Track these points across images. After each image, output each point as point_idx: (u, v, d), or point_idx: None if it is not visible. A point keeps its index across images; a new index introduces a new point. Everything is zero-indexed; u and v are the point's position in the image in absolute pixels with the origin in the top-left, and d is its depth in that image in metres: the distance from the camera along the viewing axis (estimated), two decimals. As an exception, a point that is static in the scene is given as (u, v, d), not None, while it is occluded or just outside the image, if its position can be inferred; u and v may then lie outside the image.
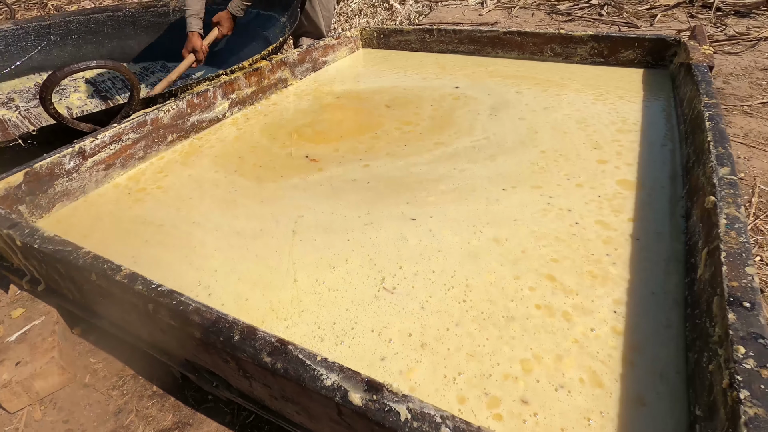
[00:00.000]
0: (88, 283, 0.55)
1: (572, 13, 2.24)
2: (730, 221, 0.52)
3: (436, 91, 1.17)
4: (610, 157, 0.83)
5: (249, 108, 1.18)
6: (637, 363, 0.47)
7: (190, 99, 1.03)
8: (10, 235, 0.60)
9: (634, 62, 1.22)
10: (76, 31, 2.24)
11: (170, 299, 0.47)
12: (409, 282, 0.59)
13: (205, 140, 1.03)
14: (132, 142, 0.91)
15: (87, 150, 0.84)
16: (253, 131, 1.06)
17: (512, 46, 1.36)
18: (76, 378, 0.65)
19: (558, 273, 0.59)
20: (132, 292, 0.49)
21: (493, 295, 0.56)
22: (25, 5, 4.02)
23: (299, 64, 1.34)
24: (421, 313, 0.55)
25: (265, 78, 1.22)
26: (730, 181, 0.58)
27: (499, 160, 0.85)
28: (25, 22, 2.17)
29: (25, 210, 0.76)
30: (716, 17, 1.97)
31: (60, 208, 0.81)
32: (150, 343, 0.58)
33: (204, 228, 0.75)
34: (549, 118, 0.99)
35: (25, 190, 0.76)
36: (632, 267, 0.59)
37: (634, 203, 0.70)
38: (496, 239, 0.65)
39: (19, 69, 2.14)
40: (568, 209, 0.70)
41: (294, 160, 0.93)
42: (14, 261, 0.69)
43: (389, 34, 1.54)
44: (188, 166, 0.93)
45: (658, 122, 0.93)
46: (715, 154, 0.64)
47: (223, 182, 0.87)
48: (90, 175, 0.85)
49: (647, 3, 2.22)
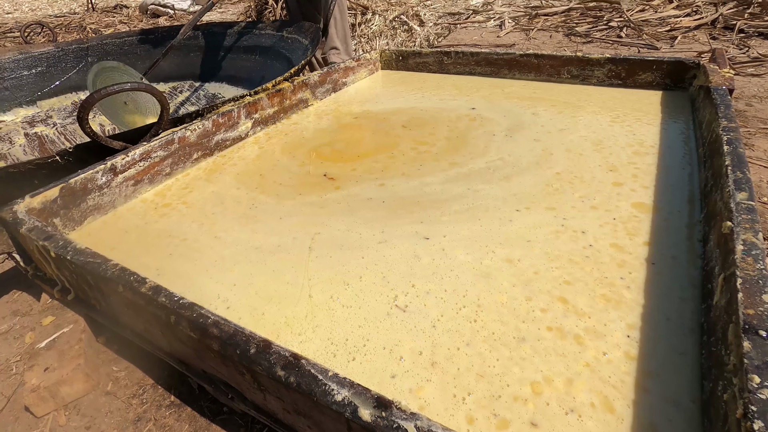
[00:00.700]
0: (115, 293, 0.58)
1: (591, 35, 2.25)
2: (747, 247, 0.51)
3: (452, 112, 1.19)
4: (626, 179, 0.83)
5: (271, 127, 1.22)
6: (650, 389, 0.46)
7: (216, 118, 1.07)
8: (45, 247, 0.64)
9: (653, 84, 1.22)
10: (111, 52, 2.36)
11: (191, 312, 0.49)
12: (422, 300, 0.60)
13: (229, 158, 1.08)
14: (160, 160, 0.96)
15: (118, 166, 0.88)
16: (274, 150, 1.10)
17: (529, 68, 1.38)
18: (99, 385, 0.68)
19: (570, 295, 0.59)
20: (155, 304, 0.52)
21: (504, 315, 0.57)
22: (66, 28, 4.28)
23: (320, 85, 1.38)
24: (433, 331, 0.55)
25: (287, 98, 1.27)
26: (748, 207, 0.58)
27: (514, 181, 0.86)
28: (65, 45, 2.31)
29: (59, 222, 0.80)
30: (739, 39, 1.95)
31: (91, 221, 0.86)
32: (169, 353, 0.61)
33: (224, 242, 0.78)
34: (564, 139, 0.99)
35: (60, 203, 0.80)
36: (647, 291, 0.58)
37: (649, 226, 0.70)
38: (508, 259, 0.66)
39: (58, 88, 2.27)
40: (582, 231, 0.70)
41: (312, 178, 0.96)
42: (47, 271, 0.73)
43: (408, 56, 1.58)
44: (212, 183, 0.97)
45: (676, 145, 0.93)
46: (733, 178, 0.64)
47: (244, 199, 0.90)
48: (120, 190, 0.89)
49: (667, 25, 2.22)
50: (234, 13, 4.65)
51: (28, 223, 0.70)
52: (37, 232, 0.67)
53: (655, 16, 2.36)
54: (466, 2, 3.53)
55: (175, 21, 4.60)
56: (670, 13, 2.38)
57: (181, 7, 4.83)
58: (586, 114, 1.11)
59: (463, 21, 2.93)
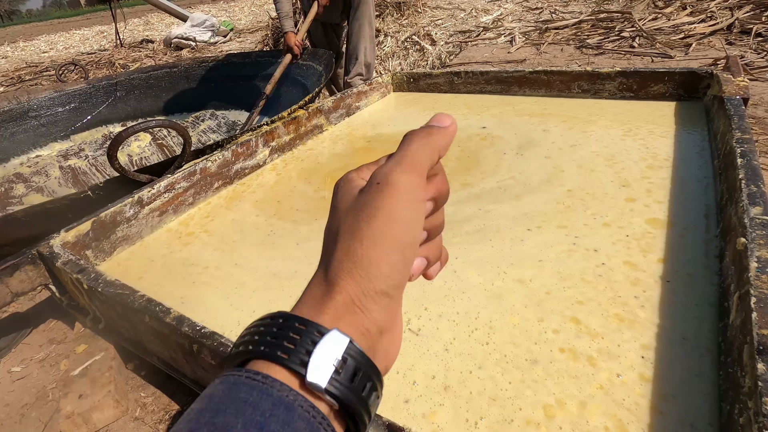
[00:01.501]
0: (141, 323, 0.61)
1: (602, 47, 2.25)
2: (761, 264, 0.51)
3: (463, 132, 1.21)
4: (640, 194, 0.82)
5: (287, 154, 1.27)
6: (666, 412, 0.46)
7: (235, 148, 1.12)
8: (78, 279, 0.69)
9: (666, 95, 1.21)
10: (138, 86, 2.50)
11: (212, 340, 0.51)
12: (434, 323, 0.61)
13: (247, 185, 1.12)
14: (183, 190, 1.01)
15: (144, 199, 0.93)
16: (290, 176, 1.14)
17: (539, 85, 1.39)
18: (128, 411, 0.71)
19: (583, 315, 0.59)
20: (179, 333, 0.54)
21: (516, 337, 0.57)
22: (96, 65, 4.53)
23: (334, 110, 1.43)
24: (445, 355, 0.56)
25: (302, 125, 1.32)
26: (762, 222, 0.57)
27: (525, 200, 0.86)
28: (96, 81, 2.46)
29: (90, 254, 0.85)
30: (756, 43, 1.92)
31: (120, 252, 0.91)
32: (193, 380, 0.63)
33: (244, 269, 0.81)
34: (576, 155, 0.99)
35: (92, 236, 0.85)
36: (662, 310, 0.58)
37: (664, 243, 0.69)
38: (520, 280, 0.66)
39: (89, 122, 2.40)
40: (594, 249, 0.70)
41: (327, 203, 0.98)
42: (80, 301, 0.78)
43: (419, 78, 1.62)
44: (232, 211, 1.01)
45: (691, 157, 0.92)
46: (747, 192, 0.63)
47: (263, 225, 0.94)
48: (146, 221, 0.94)
49: (681, 32, 2.20)
50: (252, 41, 4.84)
51: (63, 257, 0.75)
52: (71, 265, 0.72)
53: (668, 24, 2.34)
54: (476, 19, 3.59)
55: (197, 53, 4.82)
56: (683, 20, 2.36)
57: (202, 39, 5.06)
58: (598, 128, 1.11)
59: (473, 39, 2.97)
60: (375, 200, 0.22)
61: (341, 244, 0.22)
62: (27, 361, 0.84)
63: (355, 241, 0.22)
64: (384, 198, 0.22)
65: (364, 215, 0.22)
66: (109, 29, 7.59)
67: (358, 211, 0.22)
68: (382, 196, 0.22)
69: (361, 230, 0.22)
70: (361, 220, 0.22)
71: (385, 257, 0.21)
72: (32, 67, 5.28)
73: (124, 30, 6.82)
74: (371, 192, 0.22)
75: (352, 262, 0.21)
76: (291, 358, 0.19)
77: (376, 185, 0.23)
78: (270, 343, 0.20)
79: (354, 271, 0.21)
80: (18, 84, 4.40)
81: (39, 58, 6.31)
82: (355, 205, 0.23)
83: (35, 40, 10.08)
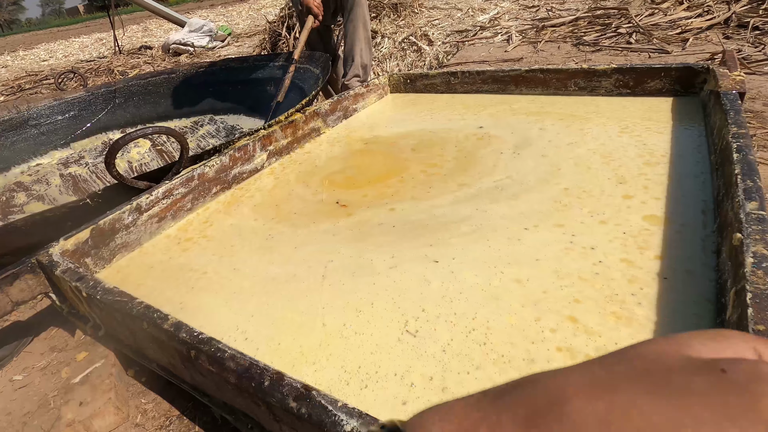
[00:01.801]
0: (140, 330, 0.62)
1: (599, 43, 2.25)
2: (757, 260, 0.50)
3: (460, 132, 1.21)
4: (636, 191, 0.82)
5: (285, 157, 1.27)
6: (664, 410, 0.46)
7: (232, 153, 1.13)
8: (77, 287, 0.69)
9: (662, 91, 1.21)
10: (136, 93, 2.51)
11: (209, 346, 0.51)
12: (432, 325, 0.61)
13: (246, 190, 1.12)
14: (181, 196, 1.01)
15: (143, 206, 0.94)
16: (288, 180, 1.14)
17: (536, 83, 1.39)
18: (129, 418, 0.71)
19: (580, 314, 0.59)
20: (177, 339, 0.55)
21: (513, 337, 0.57)
22: (95, 72, 4.55)
23: (331, 113, 1.43)
24: (443, 356, 0.56)
25: (299, 129, 1.32)
26: (759, 217, 0.57)
27: (522, 199, 0.86)
28: (95, 89, 2.47)
29: (90, 262, 0.86)
30: (754, 36, 1.91)
31: (119, 259, 0.91)
32: (193, 385, 0.63)
33: (243, 274, 0.81)
34: (572, 153, 0.99)
35: (91, 244, 0.86)
36: (659, 307, 0.58)
37: (661, 240, 0.69)
38: (517, 280, 0.66)
39: (89, 130, 2.41)
40: (591, 247, 0.70)
41: (325, 206, 0.99)
42: (80, 309, 0.78)
43: (415, 79, 1.62)
44: (230, 216, 1.02)
45: (688, 153, 0.91)
46: (743, 187, 0.63)
47: (261, 230, 0.94)
48: (145, 227, 0.95)
49: (678, 27, 2.19)
50: (250, 46, 4.85)
51: (62, 265, 0.75)
52: (70, 273, 0.72)
53: (665, 20, 2.34)
54: (473, 19, 3.59)
55: (195, 58, 4.83)
56: (680, 15, 2.36)
57: (200, 44, 5.07)
58: (594, 126, 1.11)
59: (470, 38, 2.97)
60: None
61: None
62: (29, 369, 0.84)
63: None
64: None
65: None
66: (108, 36, 7.62)
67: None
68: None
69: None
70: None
71: None
72: (32, 75, 5.31)
73: (122, 37, 6.85)
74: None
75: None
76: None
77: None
78: None
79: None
80: (18, 93, 4.42)
81: (39, 67, 6.34)
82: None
83: (35, 48, 10.13)
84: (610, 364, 0.15)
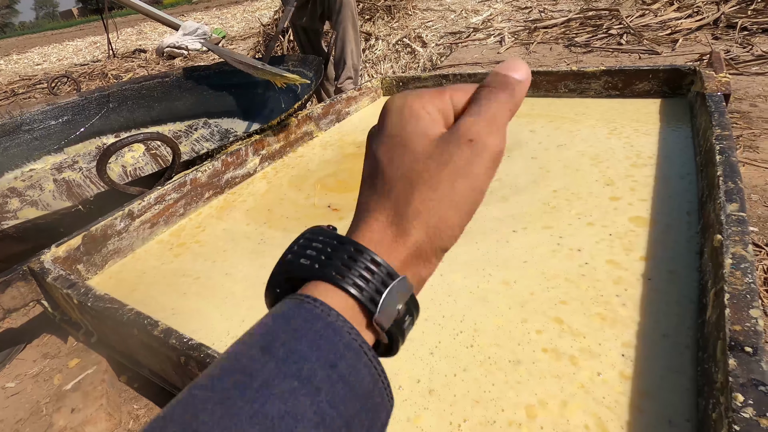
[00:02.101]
0: (131, 336, 0.62)
1: (591, 45, 2.27)
2: (736, 261, 0.51)
3: (451, 135, 1.22)
4: (623, 193, 0.83)
5: (278, 161, 1.28)
6: (645, 409, 0.47)
7: (225, 158, 1.13)
8: (69, 294, 0.69)
9: (651, 93, 1.22)
10: (130, 97, 2.50)
11: (199, 352, 0.52)
12: (420, 327, 0.62)
13: (238, 194, 1.13)
14: (174, 201, 1.01)
15: (135, 211, 0.94)
16: (281, 184, 1.15)
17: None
18: (121, 424, 0.72)
19: (566, 315, 0.59)
20: (167, 346, 0.55)
21: (500, 338, 0.58)
22: (89, 76, 4.54)
23: (324, 116, 1.44)
24: (430, 358, 0.57)
25: (292, 133, 1.33)
26: (738, 218, 0.58)
27: (511, 201, 0.87)
28: (88, 93, 2.46)
29: (82, 268, 0.86)
30: (742, 37, 1.93)
31: (111, 265, 0.91)
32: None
33: (234, 279, 0.81)
34: (562, 156, 1.00)
35: (83, 250, 0.86)
36: (643, 308, 0.59)
37: (646, 241, 0.70)
38: (505, 282, 0.67)
39: (82, 134, 2.41)
40: (578, 249, 0.71)
41: (317, 209, 0.99)
42: (72, 315, 0.78)
43: (408, 82, 1.63)
44: (223, 220, 1.02)
45: (674, 155, 0.93)
46: (724, 189, 0.64)
47: (253, 234, 0.95)
48: (137, 233, 0.95)
49: (668, 28, 2.21)
50: (244, 48, 4.85)
51: (54, 273, 0.75)
52: (62, 280, 0.72)
53: (655, 21, 2.36)
54: (466, 20, 3.60)
55: (190, 61, 4.82)
56: (670, 16, 2.38)
57: (194, 47, 5.07)
58: (584, 128, 1.12)
59: (464, 40, 2.98)
60: (463, 160, 0.21)
61: (420, 194, 0.22)
62: (21, 376, 0.84)
63: (436, 196, 0.22)
64: (474, 162, 0.21)
65: (448, 172, 0.22)
66: (102, 40, 7.60)
67: (442, 165, 0.22)
68: (472, 158, 0.21)
69: (442, 187, 0.22)
70: (445, 177, 0.22)
71: (459, 221, 0.22)
72: (25, 80, 5.29)
73: (116, 40, 6.83)
74: (461, 149, 0.21)
75: (429, 215, 0.22)
76: (363, 294, 0.20)
77: (467, 143, 0.22)
78: (340, 270, 0.20)
79: (429, 225, 0.22)
80: (11, 98, 4.40)
81: (32, 71, 6.31)
82: (437, 155, 0.22)
83: (28, 52, 10.09)
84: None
